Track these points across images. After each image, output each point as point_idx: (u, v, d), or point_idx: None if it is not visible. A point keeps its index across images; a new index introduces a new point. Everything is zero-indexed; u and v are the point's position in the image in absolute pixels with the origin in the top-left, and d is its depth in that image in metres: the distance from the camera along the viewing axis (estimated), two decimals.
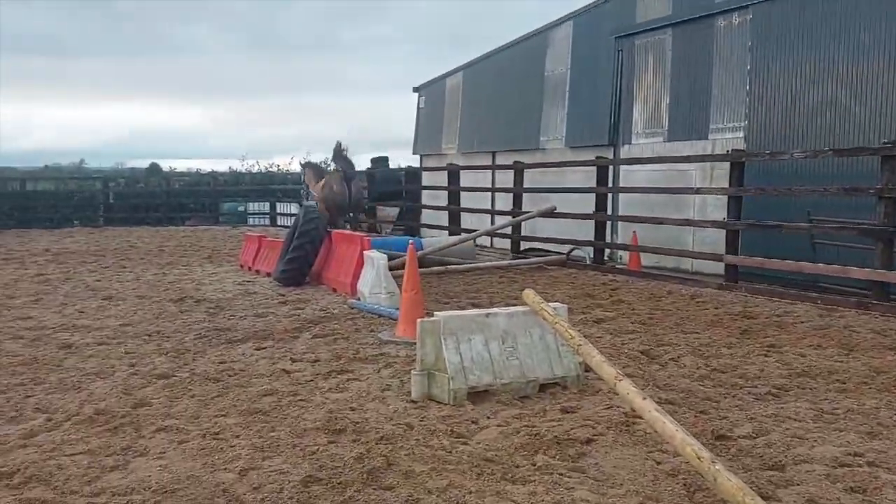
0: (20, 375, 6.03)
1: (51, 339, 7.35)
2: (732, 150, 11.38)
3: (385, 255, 8.92)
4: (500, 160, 18.40)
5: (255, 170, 30.20)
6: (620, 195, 14.24)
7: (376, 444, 4.43)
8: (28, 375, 6.04)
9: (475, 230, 14.24)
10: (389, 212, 19.95)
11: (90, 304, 9.35)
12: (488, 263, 12.55)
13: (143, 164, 51.74)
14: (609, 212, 13.56)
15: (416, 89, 23.56)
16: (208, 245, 17.25)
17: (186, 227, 23.42)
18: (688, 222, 12.32)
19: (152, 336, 7.49)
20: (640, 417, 4.22)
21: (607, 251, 13.69)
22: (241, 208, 25.09)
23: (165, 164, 41.54)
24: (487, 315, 5.56)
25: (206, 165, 44.27)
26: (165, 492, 3.81)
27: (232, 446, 4.44)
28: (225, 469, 4.11)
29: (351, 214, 14.28)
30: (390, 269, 8.87)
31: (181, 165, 36.65)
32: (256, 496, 3.75)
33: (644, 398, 3.95)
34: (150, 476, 4.01)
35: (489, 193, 17.28)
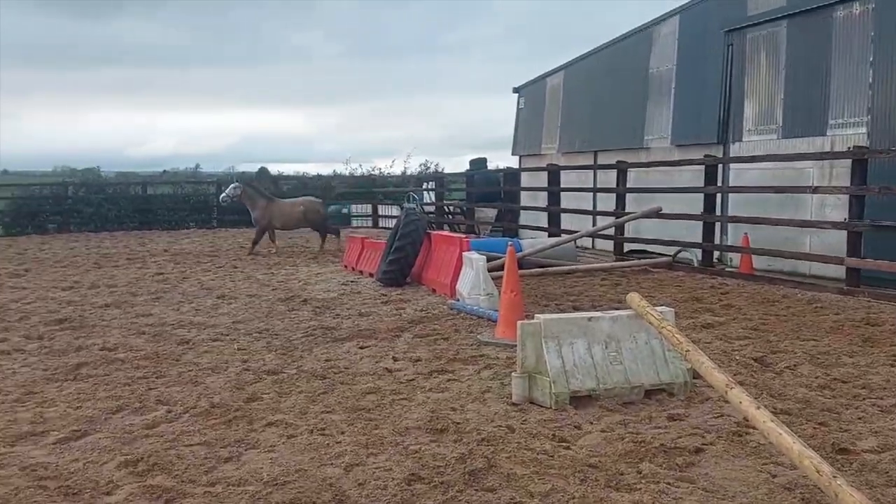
0: (143, 369, 6.42)
1: (170, 335, 7.78)
2: (854, 146, 10.68)
3: (484, 257, 8.92)
4: (602, 160, 18.06)
5: (357, 173, 30.90)
6: (730, 195, 13.67)
7: (478, 445, 4.44)
8: (150, 369, 6.41)
9: (575, 231, 14.02)
10: (488, 213, 19.96)
11: (205, 303, 9.84)
12: (590, 265, 12.34)
13: (253, 168, 54.02)
14: (718, 212, 13.03)
15: (515, 90, 23.47)
16: (315, 245, 17.79)
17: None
18: (806, 223, 11.66)
19: (262, 333, 7.80)
20: (754, 427, 4.03)
21: (716, 253, 13.17)
22: (344, 210, 25.75)
23: (274, 168, 43.14)
24: (590, 319, 5.46)
25: (312, 169, 45.79)
26: (276, 484, 3.95)
27: (338, 442, 4.56)
28: (331, 464, 4.22)
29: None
30: (489, 270, 8.86)
31: (288, 169, 37.85)
32: (361, 492, 3.83)
33: (758, 407, 3.77)
34: (261, 468, 4.18)
35: (590, 194, 16.98)
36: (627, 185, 14.17)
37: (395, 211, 22.86)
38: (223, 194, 16.59)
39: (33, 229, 23.64)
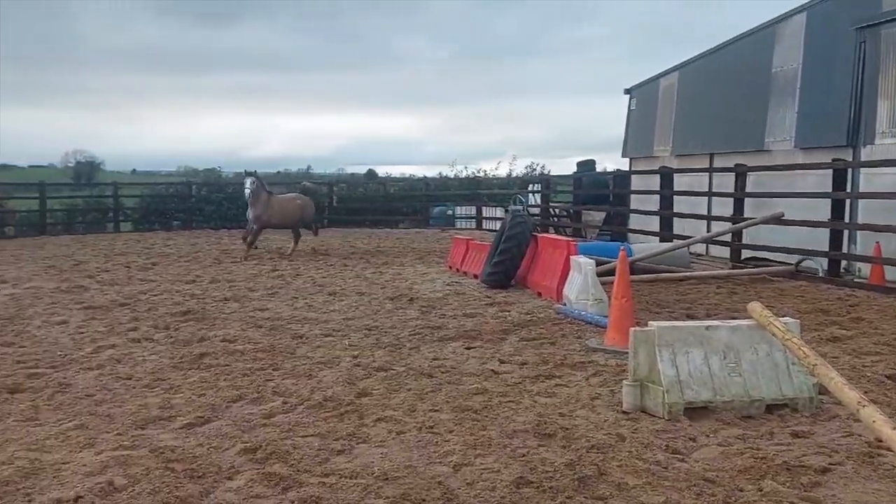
0: (261, 361, 6.70)
1: (285, 330, 8.09)
2: None
3: (593, 261, 8.76)
4: (718, 163, 17.35)
5: (462, 175, 31.14)
6: (860, 201, 12.80)
7: (587, 452, 4.36)
8: (267, 361, 6.69)
9: (689, 237, 13.53)
10: (595, 216, 19.60)
11: (317, 299, 10.17)
12: (704, 272, 11.88)
13: (362, 170, 55.42)
14: (847, 219, 12.25)
15: (627, 91, 22.95)
16: (420, 247, 18.08)
17: (400, 229, 24.74)
18: None
19: (371, 331, 7.97)
20: (889, 449, 3.75)
21: (844, 263, 12.37)
22: (449, 212, 26.00)
23: (382, 171, 44.18)
24: (707, 327, 5.24)
25: (419, 171, 46.50)
26: (387, 479, 4.02)
27: (446, 441, 4.59)
28: (440, 462, 4.26)
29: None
30: (598, 275, 8.69)
31: (396, 171, 38.70)
32: (470, 492, 3.84)
33: (893, 428, 3.50)
34: (372, 462, 4.26)
35: (705, 198, 16.36)
36: (746, 190, 13.55)
37: (499, 213, 22.86)
38: (247, 190, 15.73)
39: (159, 225, 25.22)
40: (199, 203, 26.25)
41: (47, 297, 10.37)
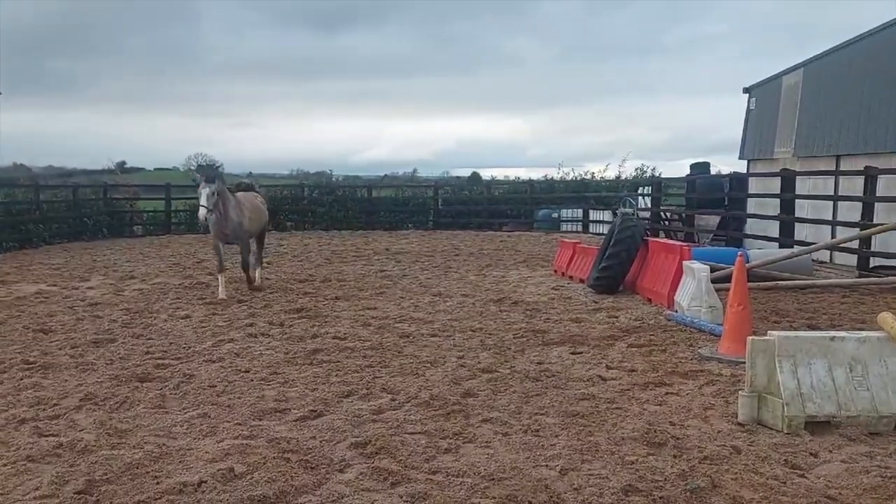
0: (370, 358, 6.88)
1: (393, 328, 8.25)
2: None
3: (707, 267, 8.44)
4: (845, 165, 16.33)
5: (569, 177, 30.73)
6: None
7: (699, 463, 4.22)
8: (376, 359, 6.85)
9: (812, 243, 12.80)
10: (709, 221, 18.87)
11: (423, 300, 10.32)
12: (829, 280, 11.20)
13: (466, 173, 55.76)
14: None
15: (746, 90, 21.96)
16: (523, 249, 18.00)
17: (504, 231, 24.73)
18: None
19: (476, 332, 8.01)
20: None
21: None
22: (554, 215, 25.75)
23: (487, 173, 44.24)
24: (833, 338, 4.95)
25: (524, 174, 46.26)
26: (493, 479, 4.04)
27: (552, 444, 4.56)
28: (546, 466, 4.23)
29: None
30: (712, 281, 8.36)
31: (501, 174, 38.62)
32: (577, 497, 3.80)
33: None
34: (478, 462, 4.29)
35: (830, 203, 15.44)
36: (877, 194, 12.68)
37: (606, 216, 22.41)
38: (206, 194, 10.46)
39: (273, 226, 26.25)
40: (311, 205, 27.19)
41: (172, 293, 11.04)
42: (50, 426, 4.95)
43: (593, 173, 31.23)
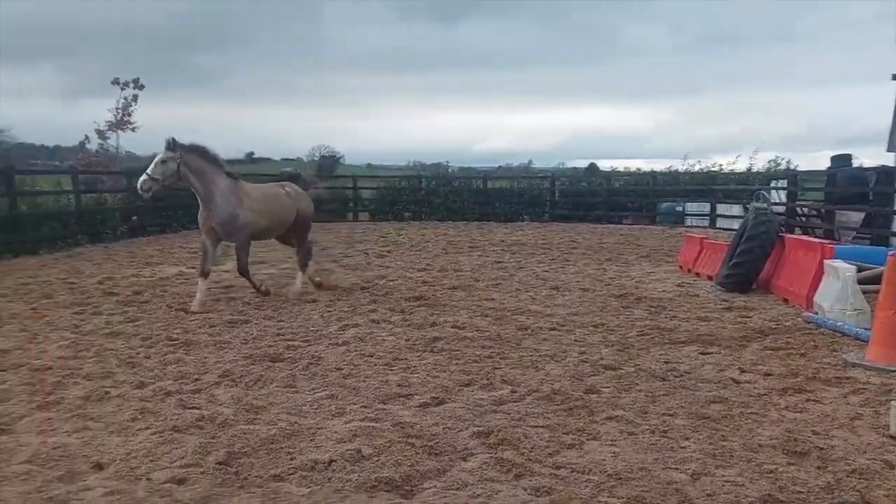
0: (488, 349, 6.87)
1: (510, 320, 8.21)
2: None
3: (853, 266, 7.84)
4: None
5: (695, 169, 29.47)
6: None
7: (847, 476, 3.93)
8: (494, 350, 6.84)
9: None
10: (851, 217, 17.58)
11: (540, 292, 10.21)
12: None
13: (583, 164, 54.77)
14: None
15: (895, 76, 20.25)
16: (645, 244, 17.46)
17: (624, 225, 24.10)
18: None
19: (597, 327, 7.83)
20: None
21: None
22: (678, 208, 24.80)
23: (606, 164, 43.19)
24: None
25: (646, 165, 44.72)
26: (619, 478, 3.93)
27: (682, 447, 4.38)
28: (676, 469, 4.07)
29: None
30: (858, 282, 7.77)
31: (621, 165, 37.49)
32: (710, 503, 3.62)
33: None
34: (604, 460, 4.18)
35: None
36: None
37: (736, 210, 21.35)
38: (162, 164, 8.68)
39: (392, 216, 26.83)
40: (429, 196, 27.56)
41: (299, 278, 11.47)
42: (192, 399, 5.26)
43: (721, 165, 29.78)
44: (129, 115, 26.87)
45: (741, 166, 29.72)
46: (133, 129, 27.02)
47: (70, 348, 6.68)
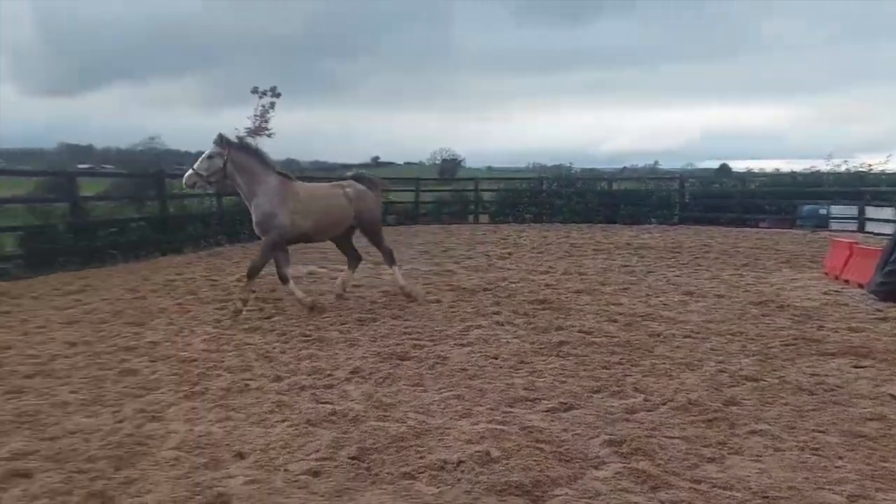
0: (618, 355, 6.65)
1: (640, 326, 7.92)
2: None
3: None
4: None
5: (840, 170, 27.39)
6: None
7: None
8: (624, 356, 6.61)
9: None
10: None
11: (672, 298, 9.80)
12: None
13: (713, 164, 52.43)
14: None
15: None
16: (785, 248, 16.42)
17: (760, 228, 22.81)
18: None
19: (735, 336, 7.41)
20: None
21: None
22: (822, 211, 23.16)
23: (740, 165, 41.10)
24: None
25: (785, 166, 42.08)
26: (766, 496, 3.67)
27: (837, 467, 4.05)
28: (830, 489, 3.76)
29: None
30: None
31: (753, 166, 35.47)
32: None
33: None
34: (748, 476, 3.93)
35: None
36: None
37: (887, 214, 19.69)
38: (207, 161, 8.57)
39: (513, 218, 26.72)
40: (550, 198, 27.24)
41: (422, 279, 11.62)
42: (325, 394, 5.41)
43: (870, 165, 27.55)
44: (267, 121, 28.23)
45: (893, 166, 27.36)
46: (269, 135, 28.38)
47: (213, 342, 7.07)
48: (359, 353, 6.65)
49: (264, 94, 28.34)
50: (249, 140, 8.93)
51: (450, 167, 66.99)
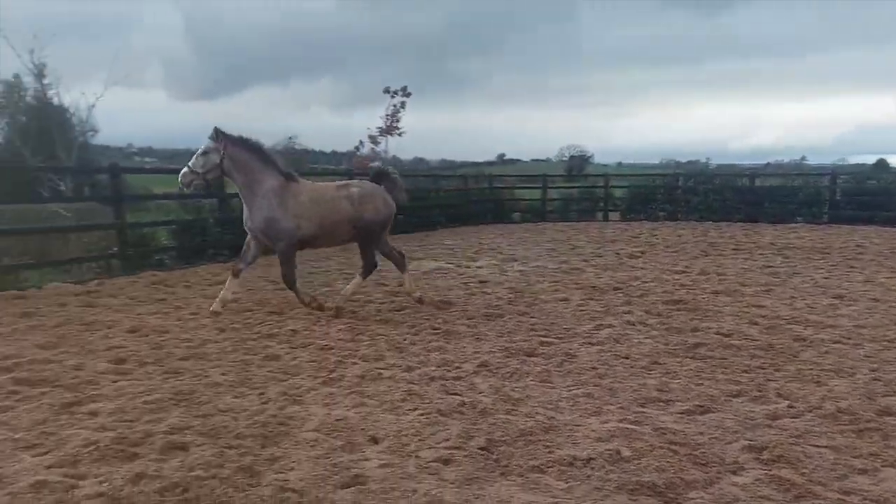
0: (759, 359, 6.32)
1: (784, 330, 7.48)
2: None
3: None
4: None
5: None
6: None
7: None
8: (766, 360, 6.27)
9: None
10: None
11: (819, 301, 9.18)
12: None
13: (868, 160, 48.56)
14: None
15: None
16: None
17: None
18: None
19: (893, 343, 6.85)
20: None
21: None
22: None
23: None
24: None
25: None
26: None
27: None
28: None
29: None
30: None
31: None
32: None
33: None
34: None
35: None
36: None
37: None
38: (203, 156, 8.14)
39: (645, 216, 25.94)
40: (686, 194, 26.24)
41: (550, 276, 11.53)
42: (454, 386, 5.51)
43: None
44: (398, 120, 28.99)
45: None
46: (400, 134, 29.14)
47: (348, 332, 7.36)
48: (486, 347, 6.71)
49: (395, 93, 29.11)
50: (250, 135, 8.23)
51: (578, 163, 66.02)
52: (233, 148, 8.06)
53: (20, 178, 18.40)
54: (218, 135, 8.07)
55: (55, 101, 30.34)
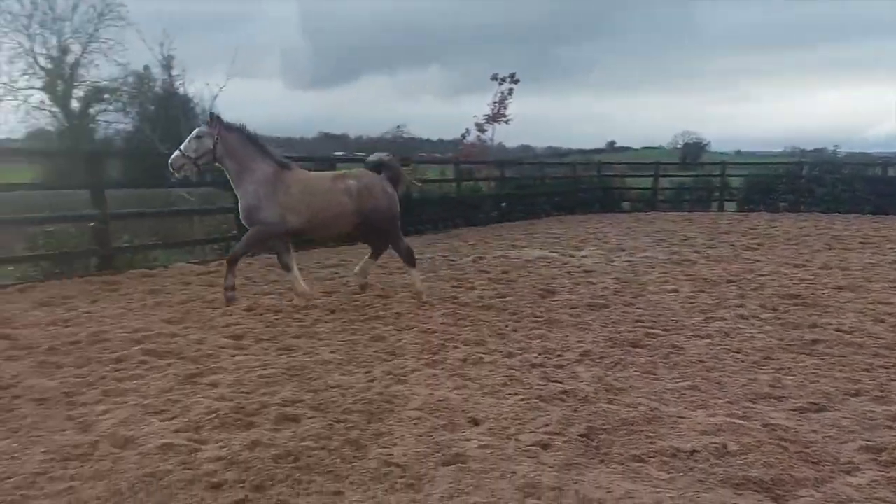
0: (884, 358, 5.96)
1: None
2: None
3: None
4: None
5: None
6: None
7: None
8: (891, 360, 5.91)
9: None
10: None
11: None
12: None
13: None
14: None
15: None
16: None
17: None
18: None
19: None
20: None
21: None
22: None
23: None
24: None
25: None
26: None
27: None
28: None
29: None
30: None
31: None
32: None
33: None
34: None
35: None
36: None
37: None
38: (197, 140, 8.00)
39: (764, 206, 24.73)
40: (810, 184, 24.80)
41: (659, 267, 11.24)
42: (555, 373, 5.51)
43: None
44: (505, 108, 28.92)
45: None
46: (506, 122, 29.07)
47: (450, 316, 7.48)
48: (589, 336, 6.66)
49: (503, 80, 29.03)
50: (243, 124, 8.11)
51: (693, 151, 63.60)
52: (227, 133, 7.91)
53: (150, 162, 19.77)
54: (213, 119, 8.00)
55: (181, 91, 32.23)
